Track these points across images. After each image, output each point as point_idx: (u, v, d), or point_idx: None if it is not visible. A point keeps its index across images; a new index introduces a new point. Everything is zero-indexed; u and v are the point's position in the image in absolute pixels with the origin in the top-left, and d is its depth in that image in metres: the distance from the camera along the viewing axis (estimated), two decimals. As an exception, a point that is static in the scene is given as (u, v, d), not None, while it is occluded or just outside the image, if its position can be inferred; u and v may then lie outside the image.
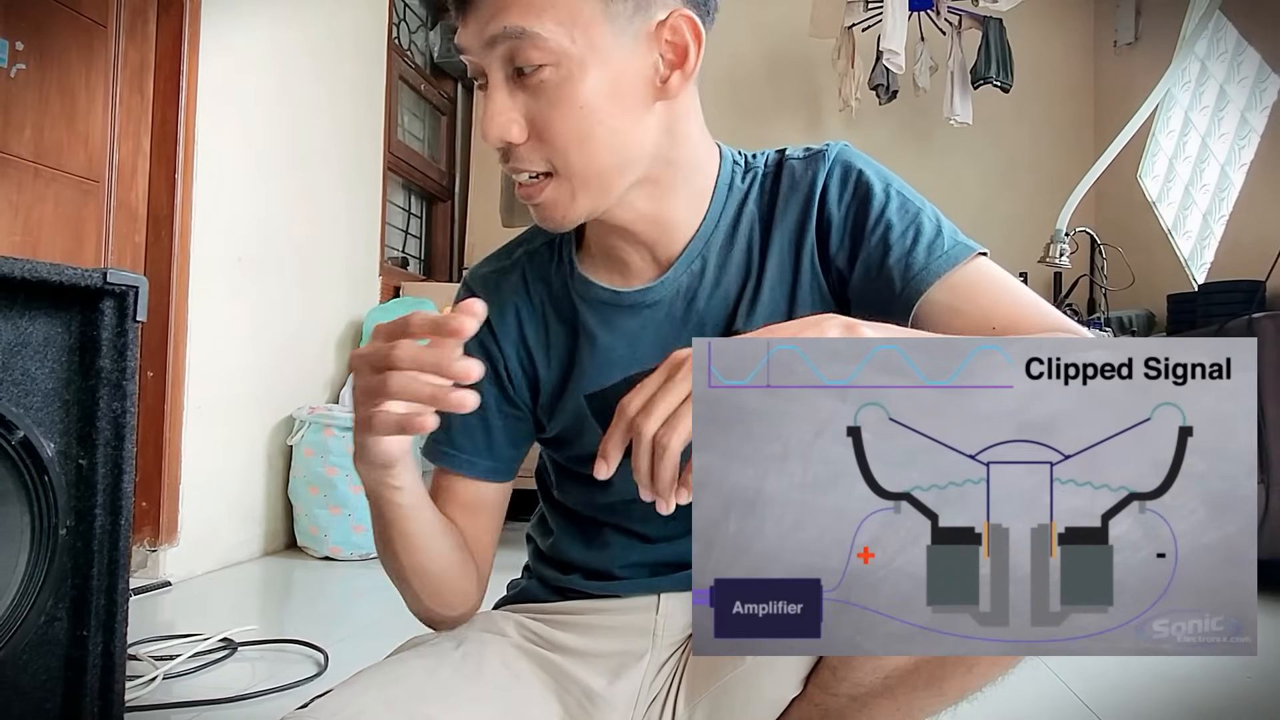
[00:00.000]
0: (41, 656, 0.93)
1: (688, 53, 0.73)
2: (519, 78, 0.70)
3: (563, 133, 0.70)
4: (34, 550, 0.90)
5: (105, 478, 0.98)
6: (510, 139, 0.71)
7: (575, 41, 0.68)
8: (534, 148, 0.71)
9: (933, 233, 0.75)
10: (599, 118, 0.70)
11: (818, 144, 0.82)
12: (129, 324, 1.00)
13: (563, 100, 0.69)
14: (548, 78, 0.69)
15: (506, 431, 0.86)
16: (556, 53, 0.68)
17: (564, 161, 0.71)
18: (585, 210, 0.74)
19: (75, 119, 1.95)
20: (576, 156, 0.71)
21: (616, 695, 0.82)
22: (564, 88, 0.69)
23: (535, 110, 0.70)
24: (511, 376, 0.86)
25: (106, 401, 0.98)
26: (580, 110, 0.70)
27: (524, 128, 0.71)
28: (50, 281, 0.92)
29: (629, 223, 0.78)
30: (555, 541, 0.91)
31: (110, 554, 0.98)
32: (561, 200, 0.73)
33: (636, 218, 0.78)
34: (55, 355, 0.95)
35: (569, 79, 0.69)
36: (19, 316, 0.91)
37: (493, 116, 0.70)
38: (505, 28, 0.68)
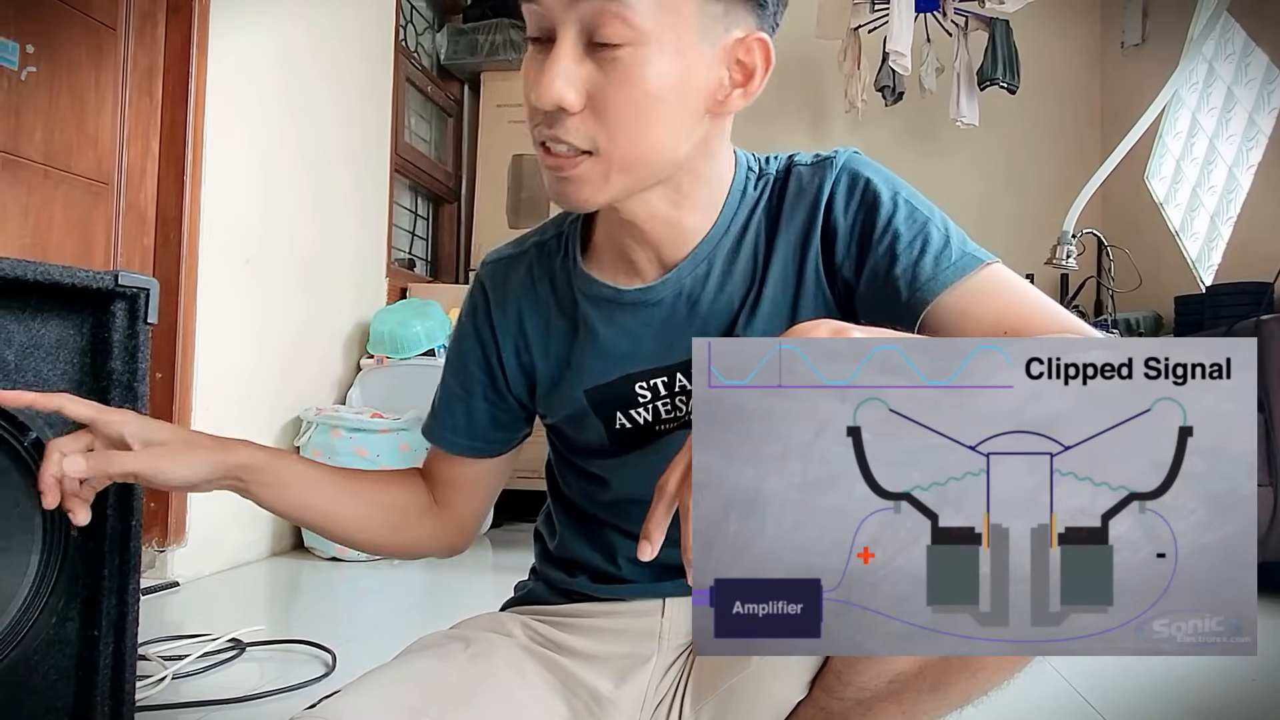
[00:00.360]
0: (53, 657, 0.94)
1: (755, 75, 0.73)
2: (591, 46, 0.67)
3: (621, 113, 0.68)
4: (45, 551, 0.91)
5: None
6: (566, 105, 0.68)
7: (662, 25, 0.67)
8: (585, 120, 0.69)
9: (940, 243, 0.74)
10: (660, 108, 0.69)
11: (827, 150, 0.82)
12: (140, 326, 1.00)
13: (631, 81, 0.67)
14: (623, 55, 0.67)
15: (489, 414, 0.90)
16: (641, 32, 0.66)
17: (611, 142, 0.69)
18: (610, 195, 0.73)
19: (84, 121, 1.96)
20: (626, 140, 0.69)
21: (623, 698, 0.82)
22: (636, 69, 0.67)
23: (599, 84, 0.68)
24: (504, 365, 0.88)
25: (118, 403, 0.99)
26: (645, 95, 0.68)
27: (581, 97, 0.68)
28: (62, 284, 0.92)
29: (641, 221, 0.78)
30: (561, 540, 0.92)
31: (121, 555, 0.98)
32: (592, 180, 0.71)
33: (650, 217, 0.78)
34: (67, 357, 0.96)
35: (644, 62, 0.67)
36: (31, 318, 0.92)
37: (554, 78, 0.67)
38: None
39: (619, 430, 0.84)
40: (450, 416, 0.90)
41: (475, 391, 0.89)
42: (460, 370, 0.90)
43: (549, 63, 0.68)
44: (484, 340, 0.88)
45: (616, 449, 0.84)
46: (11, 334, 0.90)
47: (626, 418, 0.83)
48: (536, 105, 0.69)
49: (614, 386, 0.83)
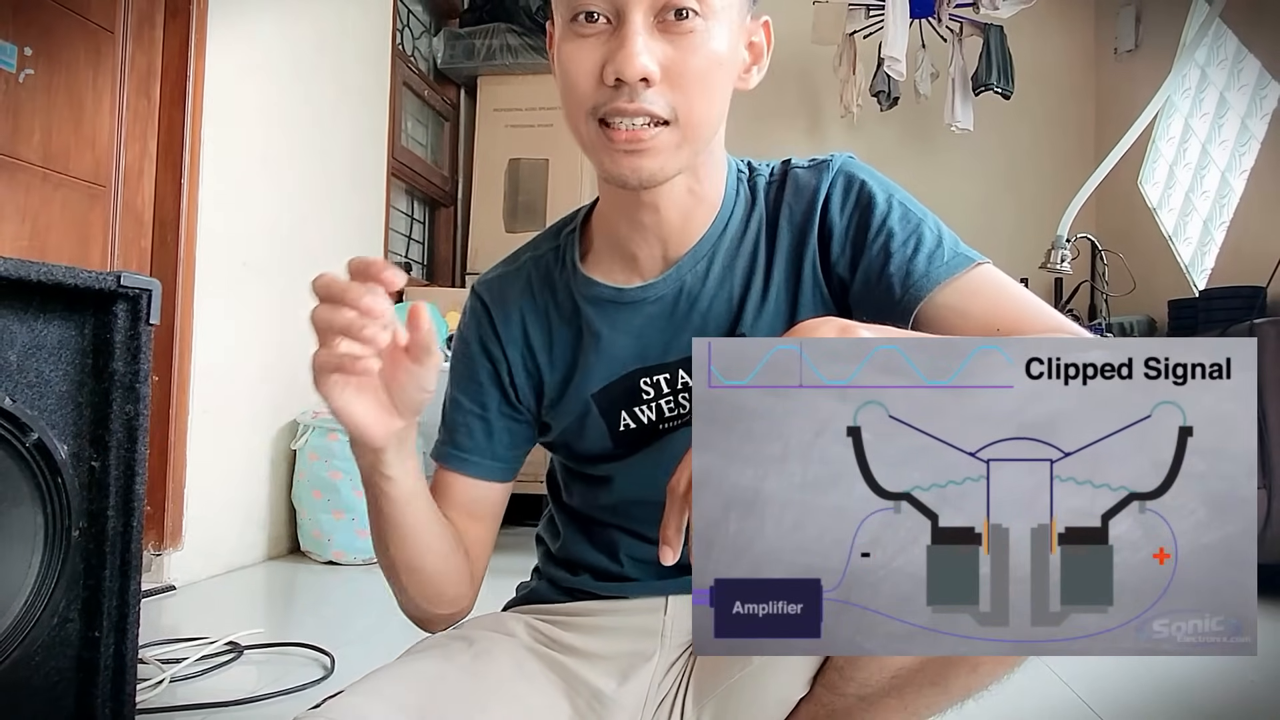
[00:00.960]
0: (54, 658, 0.94)
1: (763, 54, 0.82)
2: (662, 24, 0.72)
3: (696, 82, 0.72)
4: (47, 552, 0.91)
5: (118, 480, 0.99)
6: (650, 76, 0.71)
7: (724, 5, 0.73)
8: (663, 91, 0.72)
9: (933, 242, 0.76)
10: (720, 78, 0.75)
11: (823, 154, 0.84)
12: (142, 327, 1.00)
13: (705, 52, 0.72)
14: (697, 29, 0.72)
15: (507, 432, 0.88)
16: (712, 8, 0.72)
17: (688, 110, 0.73)
18: (679, 165, 0.76)
19: (82, 124, 1.96)
20: (701, 107, 0.74)
21: (625, 696, 0.82)
22: (708, 43, 0.72)
23: (673, 58, 0.72)
24: (515, 379, 0.87)
25: (119, 404, 0.99)
26: (716, 67, 0.74)
27: (659, 69, 0.72)
28: (65, 284, 0.92)
29: (664, 205, 0.80)
30: (564, 543, 0.92)
31: (122, 556, 0.98)
32: (667, 149, 0.74)
33: (672, 202, 0.80)
34: (69, 358, 0.96)
35: (714, 35, 0.73)
36: (34, 319, 0.92)
37: (638, 53, 0.70)
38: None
39: (623, 432, 0.84)
40: (469, 437, 0.87)
41: (491, 407, 0.88)
42: (473, 388, 0.88)
43: (628, 38, 0.71)
44: (493, 355, 0.88)
45: (621, 451, 0.85)
46: (14, 334, 0.90)
47: (631, 417, 0.84)
48: (621, 78, 0.71)
49: (619, 385, 0.83)
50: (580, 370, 0.85)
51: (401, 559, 0.79)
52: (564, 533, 0.92)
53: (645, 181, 0.75)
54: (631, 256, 0.83)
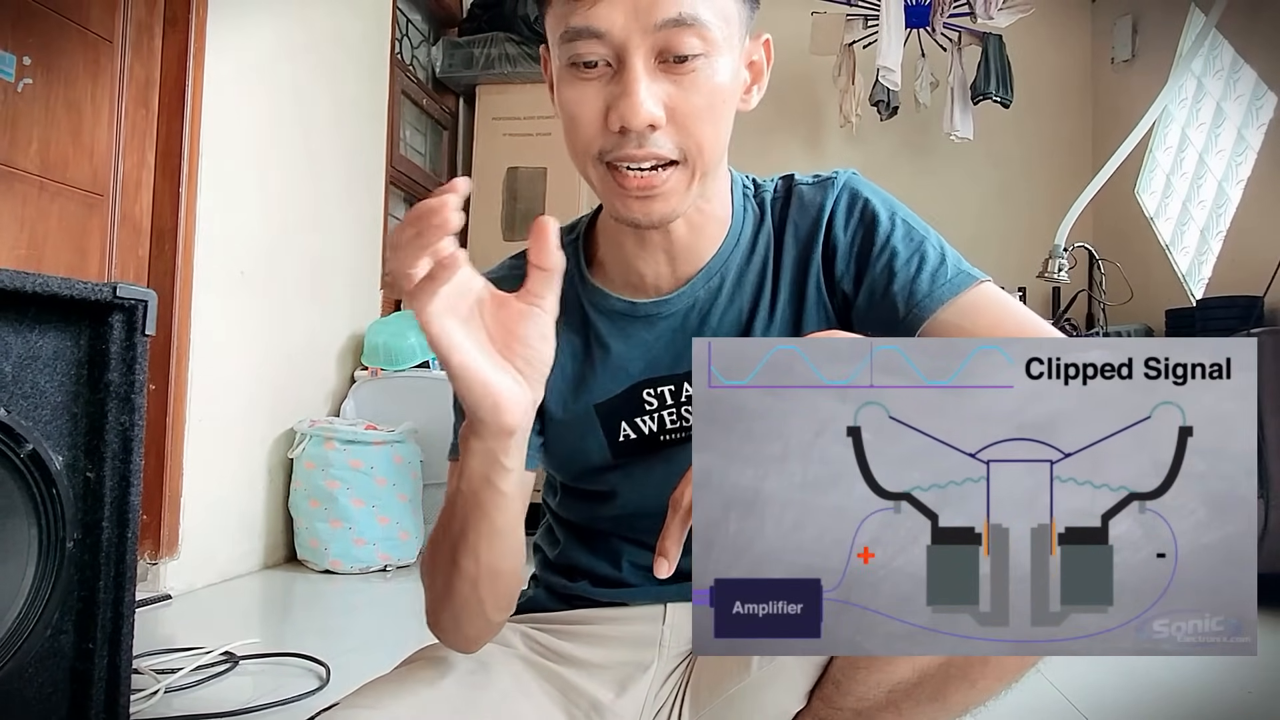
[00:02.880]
0: (47, 669, 0.93)
1: (763, 72, 0.80)
2: (664, 65, 0.70)
3: (702, 120, 0.72)
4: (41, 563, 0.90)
5: (113, 490, 0.98)
6: (657, 123, 0.70)
7: (725, 35, 0.72)
8: (669, 134, 0.71)
9: (936, 260, 0.76)
10: (725, 112, 0.74)
11: (827, 171, 0.85)
12: (138, 338, 1.00)
13: (709, 90, 0.71)
14: (701, 68, 0.70)
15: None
16: (714, 44, 0.71)
17: (697, 150, 0.72)
18: (691, 201, 0.76)
19: (81, 133, 1.96)
20: (710, 146, 0.73)
21: (624, 708, 0.82)
22: (712, 80, 0.71)
23: (678, 98, 0.71)
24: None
25: (114, 415, 0.99)
26: (722, 103, 0.73)
27: (664, 112, 0.71)
28: (61, 295, 0.92)
29: (674, 229, 0.80)
30: (562, 550, 0.91)
31: (117, 567, 0.98)
32: (679, 190, 0.74)
33: (684, 224, 0.80)
34: (64, 369, 0.96)
35: (718, 71, 0.71)
36: (29, 330, 0.92)
37: (643, 100, 0.69)
38: (681, 13, 0.68)
39: (622, 443, 0.84)
40: None
41: None
42: None
43: (631, 84, 0.69)
44: None
45: (620, 462, 0.84)
46: (9, 345, 0.90)
47: (631, 427, 0.83)
48: (628, 126, 0.69)
49: (623, 396, 0.83)
50: (586, 382, 0.84)
51: (489, 564, 0.70)
52: (563, 540, 0.92)
53: (658, 223, 0.75)
54: (639, 272, 0.83)
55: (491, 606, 0.75)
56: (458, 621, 0.76)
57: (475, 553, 0.70)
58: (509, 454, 0.63)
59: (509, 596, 0.77)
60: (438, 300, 0.55)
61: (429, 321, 0.56)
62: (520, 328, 0.60)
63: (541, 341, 0.61)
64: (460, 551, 0.70)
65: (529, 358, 0.61)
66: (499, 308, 0.61)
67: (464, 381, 0.58)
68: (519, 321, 0.60)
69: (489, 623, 0.77)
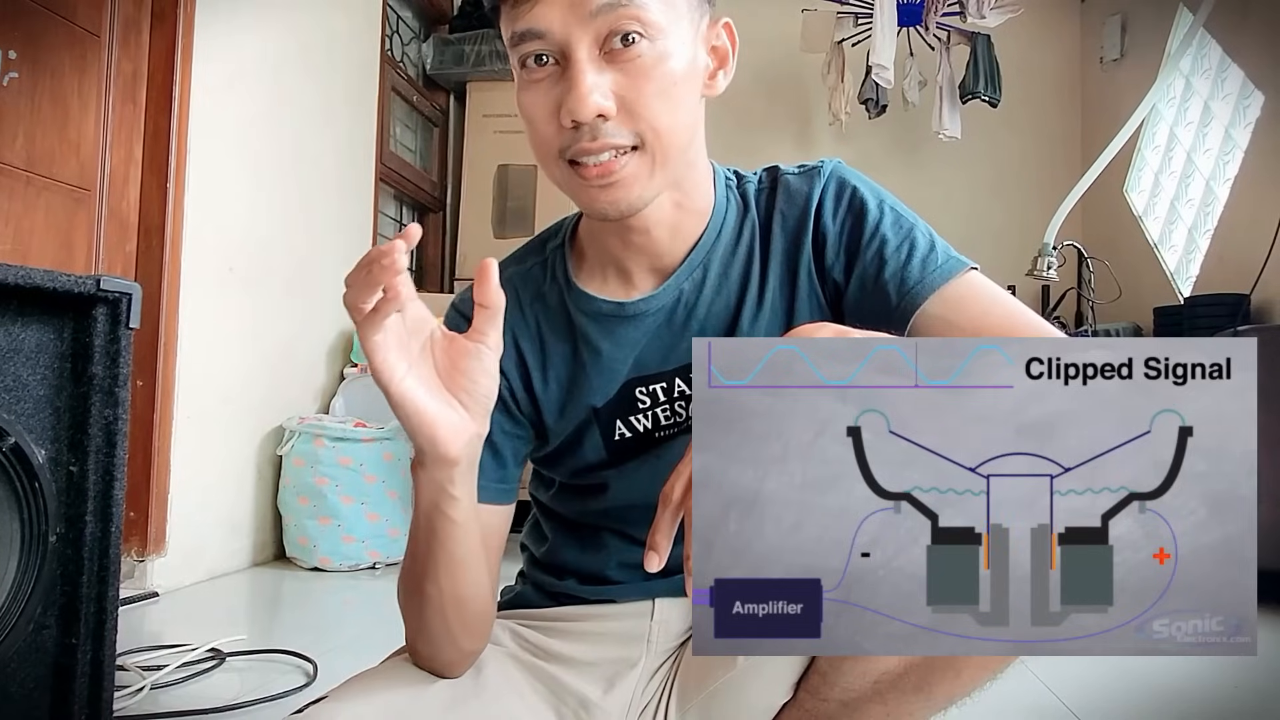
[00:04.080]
0: (30, 664, 0.92)
1: (728, 57, 0.78)
2: (608, 53, 0.70)
3: (654, 105, 0.71)
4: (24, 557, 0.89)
5: (96, 485, 0.97)
6: (605, 112, 0.70)
7: (668, 18, 0.71)
8: (623, 122, 0.71)
9: (926, 248, 0.76)
10: (682, 96, 0.72)
11: (812, 161, 0.84)
12: (122, 331, 0.99)
13: (658, 73, 0.70)
14: (644, 51, 0.70)
15: (511, 451, 0.85)
16: (656, 26, 0.70)
17: (654, 134, 0.71)
18: (655, 190, 0.74)
19: (67, 128, 1.94)
20: (666, 129, 0.72)
21: (611, 704, 0.82)
22: (659, 63, 0.70)
23: (626, 85, 0.70)
24: (515, 395, 0.85)
25: (98, 408, 0.98)
26: (673, 86, 0.71)
27: (614, 102, 0.70)
28: (44, 288, 0.91)
29: (653, 225, 0.79)
30: (551, 548, 0.91)
31: (100, 561, 0.97)
32: (641, 176, 0.73)
33: (660, 219, 0.79)
34: (47, 362, 0.94)
35: (664, 54, 0.71)
36: (12, 323, 0.91)
37: (588, 91, 0.68)
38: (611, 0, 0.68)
39: (618, 441, 0.83)
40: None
41: (494, 426, 0.81)
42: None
43: (576, 78, 0.69)
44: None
45: (615, 460, 0.84)
46: (-8, 337, 0.89)
47: (626, 426, 0.83)
48: (574, 120, 0.70)
49: (616, 397, 0.82)
50: (580, 385, 0.83)
51: (450, 591, 0.72)
52: (551, 537, 0.91)
53: (625, 212, 0.74)
54: (625, 271, 0.82)
55: (462, 635, 0.77)
56: (432, 649, 0.78)
57: (437, 581, 0.72)
58: (454, 483, 0.66)
59: (479, 625, 0.78)
60: (382, 332, 0.60)
61: (372, 352, 0.60)
62: (464, 363, 0.64)
63: (484, 375, 0.64)
64: (424, 579, 0.72)
65: (472, 391, 0.64)
66: (448, 344, 0.65)
67: (402, 410, 0.62)
68: (464, 357, 0.64)
69: (462, 652, 0.78)
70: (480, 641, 0.80)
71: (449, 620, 0.75)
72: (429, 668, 0.79)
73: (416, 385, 0.62)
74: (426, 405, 0.62)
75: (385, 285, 0.57)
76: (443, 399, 0.64)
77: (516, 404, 0.85)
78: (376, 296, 0.58)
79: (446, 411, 0.63)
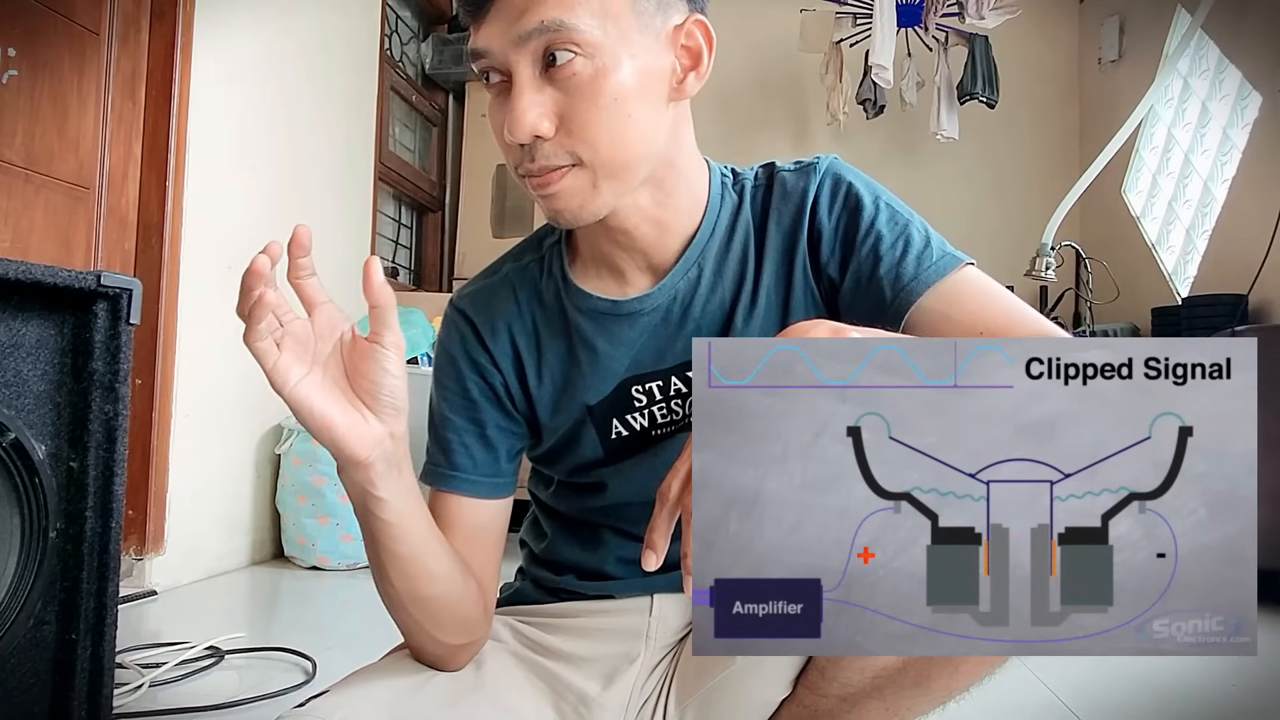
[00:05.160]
0: (29, 660, 0.92)
1: (701, 56, 0.75)
2: (547, 72, 0.69)
3: (594, 123, 0.70)
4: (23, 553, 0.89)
5: (96, 480, 0.97)
6: (541, 133, 0.70)
7: (608, 34, 0.69)
8: (561, 142, 0.70)
9: (921, 244, 0.76)
10: (628, 110, 0.71)
11: (808, 157, 0.84)
12: (122, 327, 0.99)
13: (596, 92, 0.69)
14: (580, 70, 0.69)
15: (505, 443, 0.85)
16: (591, 45, 0.68)
17: (592, 152, 0.71)
18: (604, 203, 0.74)
19: (66, 125, 1.94)
20: (606, 146, 0.71)
21: (610, 700, 0.82)
22: (597, 80, 0.69)
23: (565, 104, 0.70)
24: (510, 390, 0.85)
25: (98, 404, 0.98)
26: (613, 102, 0.70)
27: (553, 122, 0.70)
28: (44, 283, 0.91)
29: (633, 226, 0.78)
30: (550, 544, 0.91)
31: (100, 557, 0.97)
32: (582, 189, 0.72)
33: (641, 220, 0.78)
34: (48, 357, 0.94)
35: (602, 71, 0.69)
36: (12, 318, 0.90)
37: (524, 111, 0.69)
38: (543, 21, 0.67)
39: (614, 439, 0.83)
40: (466, 456, 0.82)
41: (487, 421, 0.84)
42: (466, 405, 0.84)
43: (514, 99, 0.69)
44: (482, 367, 0.84)
45: (613, 458, 0.84)
46: (-7, 332, 0.89)
47: (623, 424, 0.83)
48: (512, 141, 0.70)
49: (612, 395, 0.82)
50: (575, 383, 0.83)
51: (407, 590, 0.73)
52: (550, 534, 0.91)
53: (571, 222, 0.74)
54: (618, 269, 0.82)
55: (438, 631, 0.77)
56: (416, 645, 0.79)
57: (391, 581, 0.72)
58: (375, 485, 0.66)
59: (455, 622, 0.78)
60: (264, 339, 0.61)
61: (259, 358, 0.62)
62: (364, 364, 0.64)
63: (383, 375, 0.64)
64: (380, 580, 0.74)
65: (374, 392, 0.64)
66: (353, 347, 0.65)
67: (300, 414, 0.63)
68: (362, 359, 0.64)
69: (447, 647, 0.78)
70: (466, 636, 0.80)
71: (416, 618, 0.75)
72: (424, 662, 0.79)
73: (313, 390, 0.63)
74: (325, 409, 0.63)
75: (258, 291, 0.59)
76: (346, 402, 0.64)
77: (511, 400, 0.85)
78: (252, 303, 0.59)
79: (349, 414, 0.64)
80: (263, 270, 0.59)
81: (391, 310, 0.64)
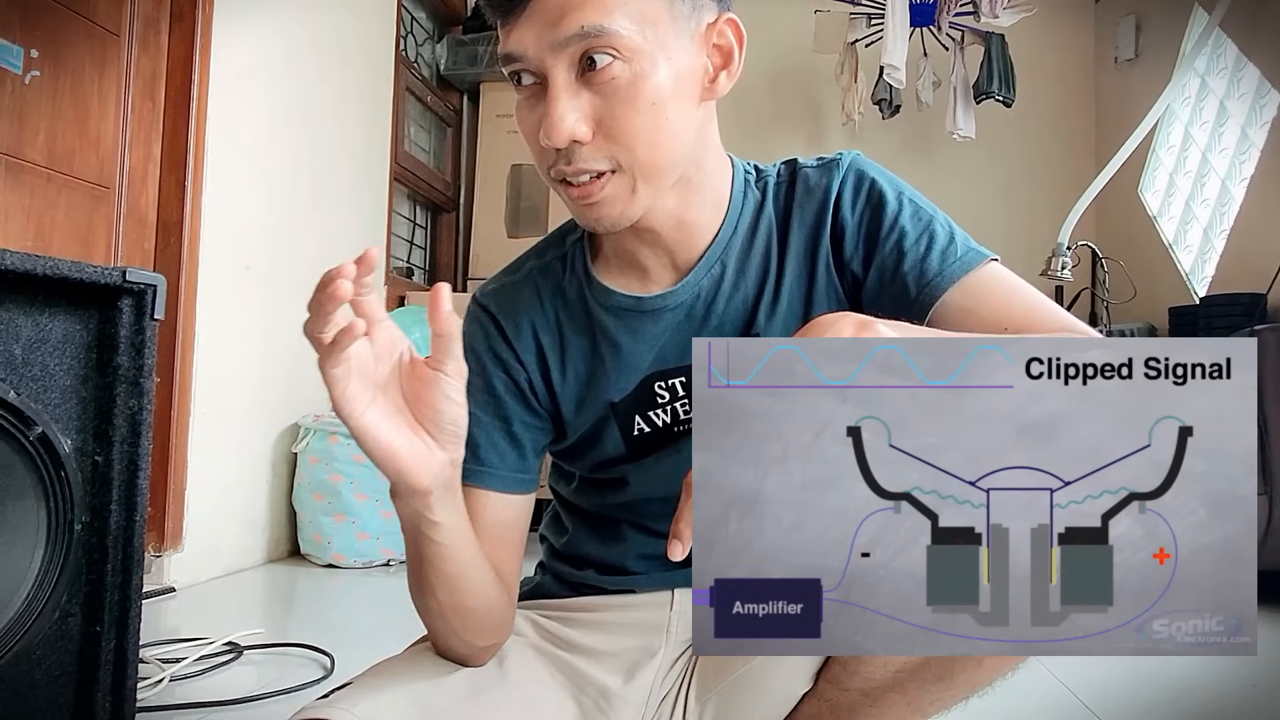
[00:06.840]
0: (55, 652, 0.94)
1: (733, 55, 0.75)
2: (584, 76, 0.69)
3: (632, 128, 0.70)
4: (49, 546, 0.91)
5: (121, 474, 0.99)
6: (580, 138, 0.69)
7: (646, 37, 0.69)
8: (599, 146, 0.70)
9: (945, 239, 0.76)
10: (665, 113, 0.71)
11: (831, 154, 0.84)
12: (147, 322, 1.01)
13: (634, 96, 0.69)
14: (619, 74, 0.68)
15: (531, 442, 0.85)
16: (630, 49, 0.68)
17: (630, 157, 0.71)
18: (642, 206, 0.74)
19: (87, 126, 1.96)
20: (644, 151, 0.71)
21: (631, 694, 0.83)
22: (635, 84, 0.69)
23: (603, 108, 0.69)
24: (534, 387, 0.85)
25: (123, 399, 0.99)
26: (650, 105, 0.70)
27: (590, 126, 0.70)
28: (70, 279, 0.92)
29: (659, 225, 0.79)
30: (571, 539, 0.92)
31: (124, 551, 0.98)
32: (621, 196, 0.72)
33: (666, 218, 0.79)
34: (73, 352, 0.96)
35: (640, 75, 0.69)
36: (39, 313, 0.92)
37: (562, 116, 0.68)
38: (583, 27, 0.67)
39: (637, 436, 0.84)
40: (494, 452, 0.82)
41: (513, 417, 0.84)
42: (490, 401, 0.84)
43: (551, 103, 0.69)
44: (507, 363, 0.84)
45: (635, 454, 0.84)
46: (19, 328, 0.90)
47: (645, 421, 0.83)
48: (548, 145, 0.70)
49: (635, 392, 0.83)
50: (598, 380, 0.84)
51: (450, 603, 0.74)
52: (571, 529, 0.92)
53: (610, 228, 0.75)
54: (642, 266, 0.83)
55: (472, 636, 0.78)
56: (445, 645, 0.79)
57: (435, 595, 0.73)
58: (432, 510, 0.66)
59: (490, 628, 0.79)
60: (341, 365, 0.59)
61: (331, 385, 0.60)
62: (426, 392, 0.63)
63: (445, 403, 0.63)
64: (424, 593, 0.74)
65: (437, 420, 0.64)
66: (412, 371, 0.64)
67: (365, 444, 0.62)
68: (425, 386, 0.63)
69: (475, 648, 0.79)
70: (495, 638, 0.81)
71: (454, 626, 0.76)
72: (449, 659, 0.80)
73: (379, 419, 0.62)
74: (390, 439, 0.62)
75: (353, 312, 0.57)
76: (409, 429, 0.63)
77: (535, 396, 0.85)
78: (332, 327, 0.58)
79: (412, 443, 0.63)
80: (345, 295, 0.57)
81: (457, 340, 0.63)
